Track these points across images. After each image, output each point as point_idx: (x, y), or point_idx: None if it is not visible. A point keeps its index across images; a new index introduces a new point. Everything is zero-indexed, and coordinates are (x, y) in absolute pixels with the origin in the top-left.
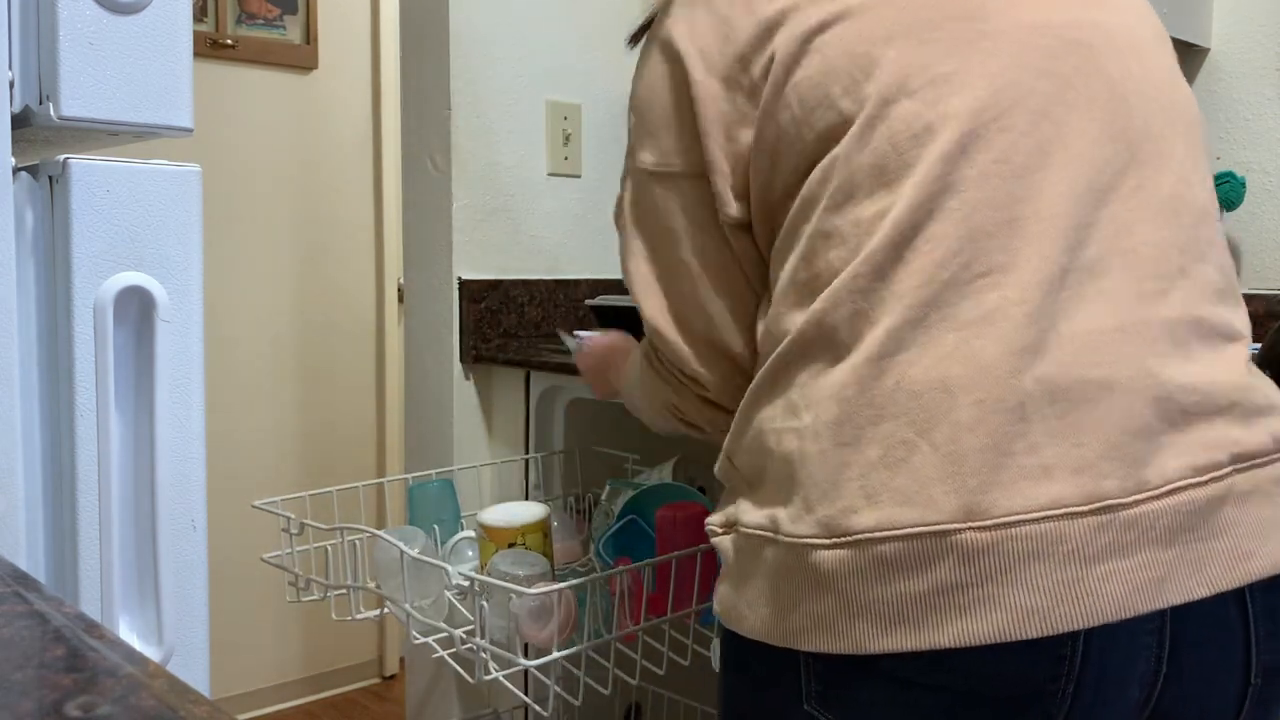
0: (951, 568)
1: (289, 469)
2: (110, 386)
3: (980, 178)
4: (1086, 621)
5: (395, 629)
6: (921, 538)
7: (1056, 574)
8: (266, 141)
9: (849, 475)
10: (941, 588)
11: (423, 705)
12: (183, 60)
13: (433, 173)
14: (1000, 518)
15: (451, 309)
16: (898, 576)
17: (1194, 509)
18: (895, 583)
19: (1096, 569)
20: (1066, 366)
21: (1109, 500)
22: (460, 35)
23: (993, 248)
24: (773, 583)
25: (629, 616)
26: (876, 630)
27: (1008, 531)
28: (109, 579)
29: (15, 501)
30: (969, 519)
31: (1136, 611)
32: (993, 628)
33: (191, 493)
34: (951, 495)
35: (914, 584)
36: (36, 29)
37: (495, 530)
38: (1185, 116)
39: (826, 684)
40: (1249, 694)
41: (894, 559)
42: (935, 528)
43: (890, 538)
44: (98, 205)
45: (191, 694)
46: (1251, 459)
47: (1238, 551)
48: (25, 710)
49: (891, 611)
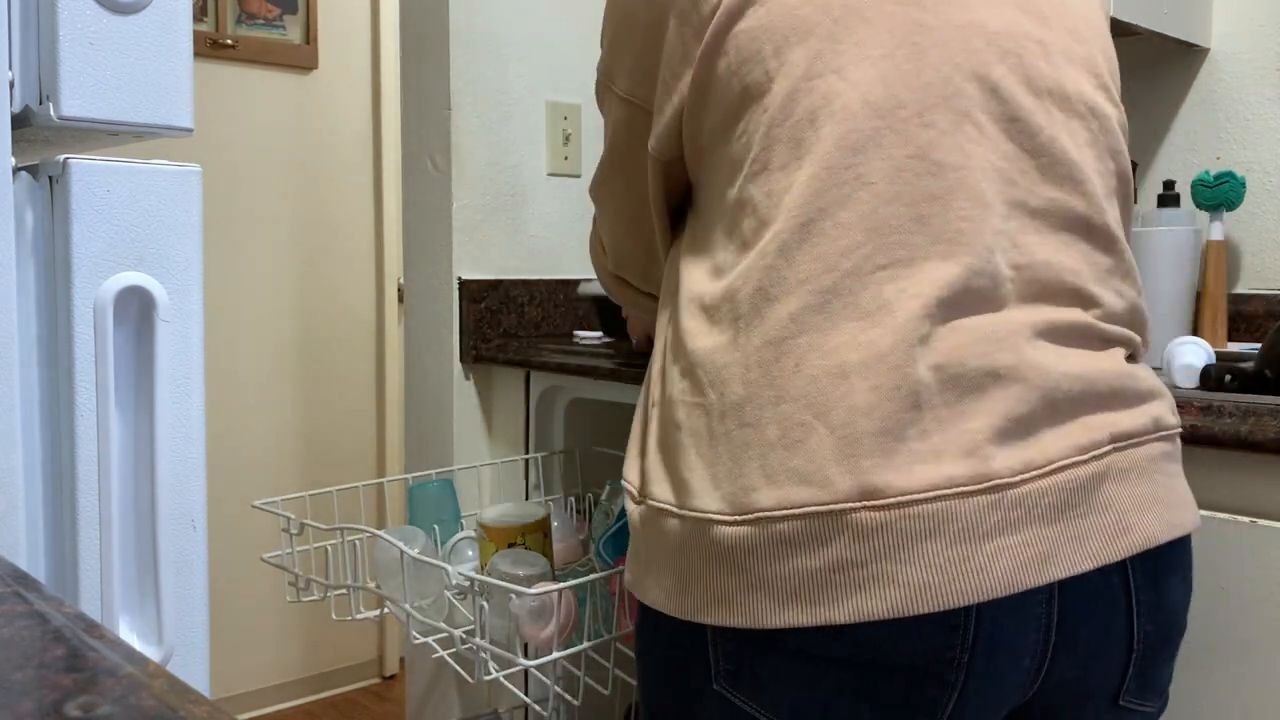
0: (847, 545)
1: (289, 469)
2: (110, 386)
3: (894, 171)
4: (977, 596)
5: (395, 629)
6: (818, 516)
7: (948, 551)
8: (266, 141)
9: (750, 455)
10: (838, 565)
11: (423, 705)
12: (183, 60)
13: (433, 173)
14: (894, 497)
15: (451, 309)
16: (796, 553)
17: (1076, 486)
18: (793, 559)
19: (986, 546)
20: (958, 356)
21: (997, 480)
22: (460, 35)
23: (895, 243)
24: (676, 556)
25: (629, 616)
26: (775, 605)
27: (902, 511)
28: (109, 579)
29: (15, 501)
30: (864, 499)
31: (1025, 586)
32: (887, 604)
33: (191, 493)
34: (847, 476)
35: (811, 561)
36: (36, 29)
37: (495, 530)
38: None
39: (735, 662)
40: (1133, 660)
41: (792, 537)
42: (831, 507)
43: (788, 516)
44: (98, 205)
45: (191, 694)
46: (1129, 439)
47: (1118, 526)
48: (25, 710)
49: (789, 588)
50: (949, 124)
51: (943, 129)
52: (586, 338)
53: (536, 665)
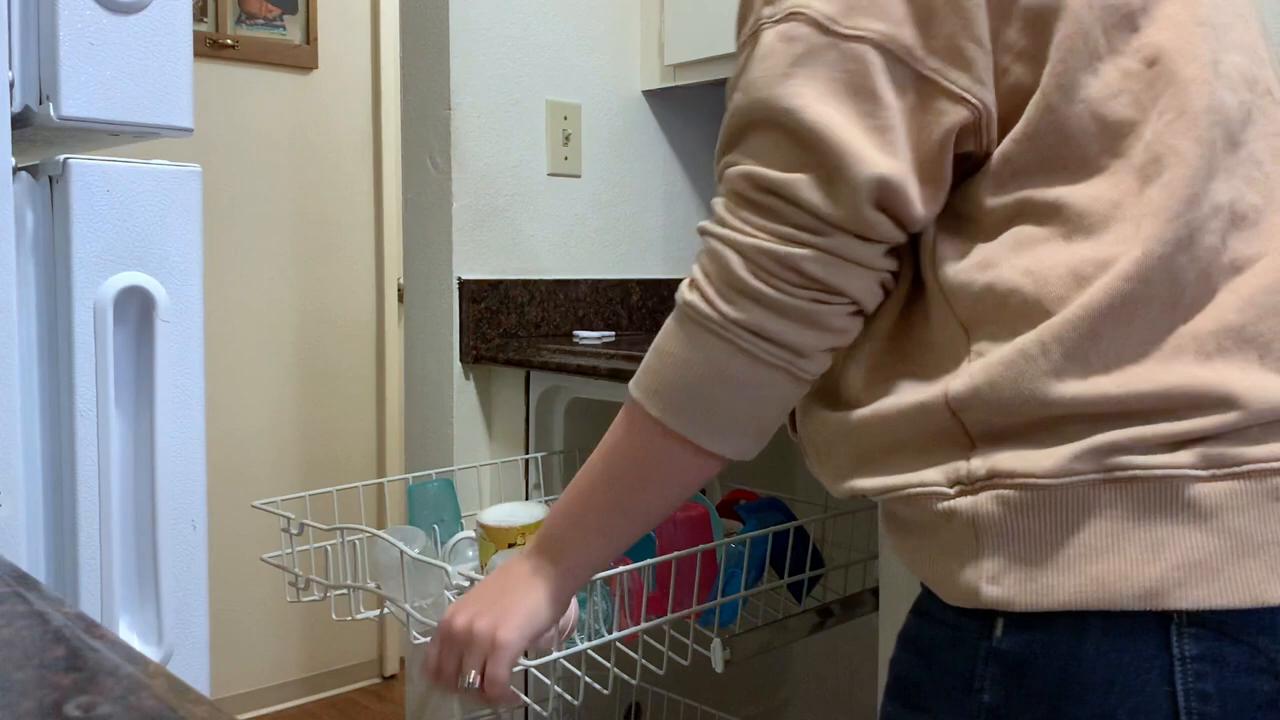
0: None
1: (289, 469)
2: (110, 386)
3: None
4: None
5: (395, 629)
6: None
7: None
8: (266, 141)
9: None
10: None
11: (423, 705)
12: (183, 60)
13: (433, 173)
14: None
15: (451, 309)
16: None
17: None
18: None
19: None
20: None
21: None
22: (460, 35)
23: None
24: (1112, 530)
25: (629, 616)
26: (1276, 576)
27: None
28: (109, 579)
29: (15, 502)
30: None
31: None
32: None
33: (191, 493)
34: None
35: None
36: (36, 29)
37: (495, 530)
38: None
39: (1203, 656)
40: None
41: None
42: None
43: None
44: (98, 205)
45: (191, 694)
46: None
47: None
48: (25, 710)
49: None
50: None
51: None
52: (586, 338)
53: (536, 665)
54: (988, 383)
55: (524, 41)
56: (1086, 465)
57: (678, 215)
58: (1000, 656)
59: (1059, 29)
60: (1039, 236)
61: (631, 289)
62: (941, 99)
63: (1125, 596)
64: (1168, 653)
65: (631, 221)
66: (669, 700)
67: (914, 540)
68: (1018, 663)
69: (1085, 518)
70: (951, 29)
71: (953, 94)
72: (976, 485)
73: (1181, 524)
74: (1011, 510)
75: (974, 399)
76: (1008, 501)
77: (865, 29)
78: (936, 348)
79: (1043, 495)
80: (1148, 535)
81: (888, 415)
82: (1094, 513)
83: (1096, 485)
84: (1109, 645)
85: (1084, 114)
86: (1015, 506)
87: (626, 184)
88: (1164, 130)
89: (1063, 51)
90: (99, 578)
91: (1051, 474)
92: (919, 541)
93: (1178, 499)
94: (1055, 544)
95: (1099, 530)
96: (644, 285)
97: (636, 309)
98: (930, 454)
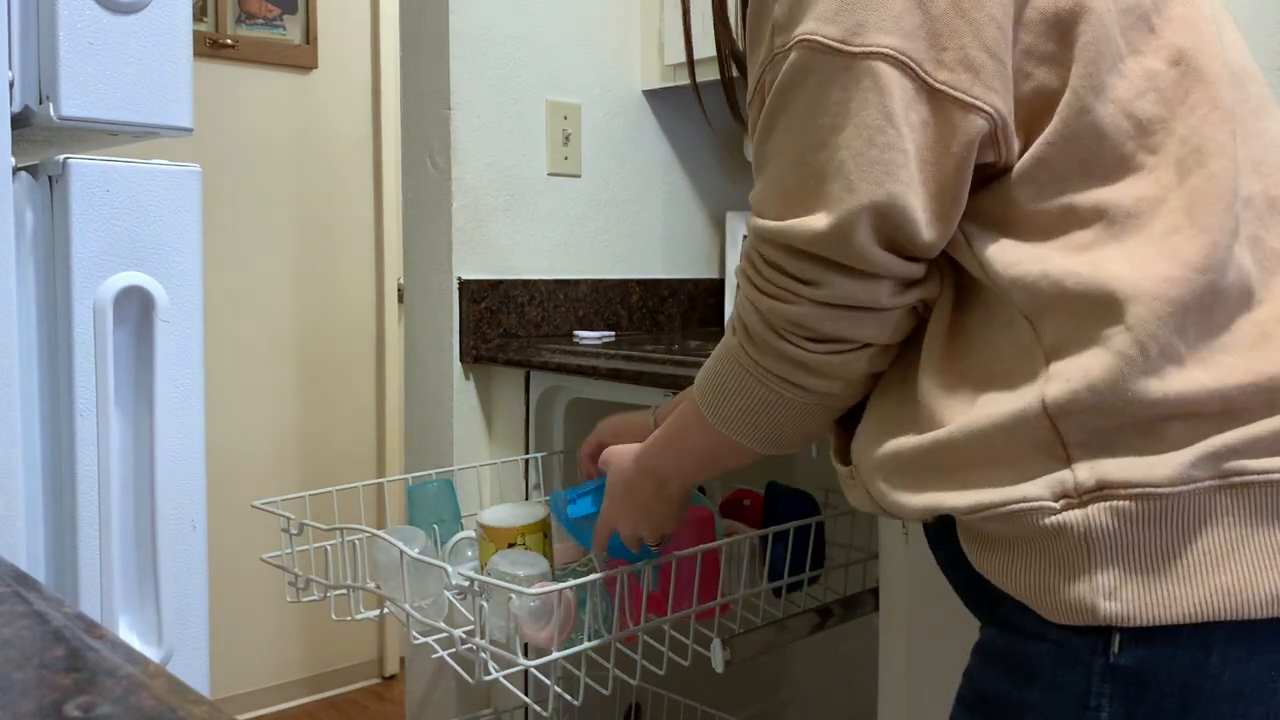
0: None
1: (289, 469)
2: (110, 386)
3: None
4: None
5: (395, 629)
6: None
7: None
8: (266, 141)
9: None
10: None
11: (423, 705)
12: (183, 60)
13: (432, 173)
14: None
15: (451, 309)
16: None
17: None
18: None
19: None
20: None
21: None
22: (460, 35)
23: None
24: (1233, 537)
25: (629, 616)
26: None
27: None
28: (109, 579)
29: (15, 502)
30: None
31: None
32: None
33: (191, 493)
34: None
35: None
36: (36, 29)
37: (495, 530)
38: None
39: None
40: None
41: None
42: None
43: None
44: (98, 205)
45: (191, 694)
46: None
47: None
48: (25, 710)
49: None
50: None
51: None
52: (586, 338)
53: (536, 665)
54: (1087, 386)
55: (524, 41)
56: (1204, 472)
57: (678, 215)
58: (1119, 673)
59: (1083, 32)
60: (1089, 240)
61: (631, 289)
62: (955, 111)
63: (1252, 604)
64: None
65: (631, 221)
66: (669, 700)
67: (1007, 556)
68: (1138, 678)
69: (1204, 526)
70: (963, 39)
71: (966, 104)
72: (1085, 498)
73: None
74: (1128, 521)
75: (1074, 404)
76: (1123, 513)
77: (875, 44)
78: (1005, 349)
79: (1161, 505)
80: (1270, 540)
81: (980, 430)
82: (1213, 520)
83: (1214, 492)
84: (1234, 655)
85: (1117, 113)
86: (1131, 518)
87: (626, 184)
88: (1199, 124)
89: (1091, 53)
90: (99, 578)
91: (1170, 482)
92: (1014, 557)
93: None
94: (1175, 554)
95: (1219, 538)
96: (644, 285)
97: (636, 309)
98: (1025, 466)
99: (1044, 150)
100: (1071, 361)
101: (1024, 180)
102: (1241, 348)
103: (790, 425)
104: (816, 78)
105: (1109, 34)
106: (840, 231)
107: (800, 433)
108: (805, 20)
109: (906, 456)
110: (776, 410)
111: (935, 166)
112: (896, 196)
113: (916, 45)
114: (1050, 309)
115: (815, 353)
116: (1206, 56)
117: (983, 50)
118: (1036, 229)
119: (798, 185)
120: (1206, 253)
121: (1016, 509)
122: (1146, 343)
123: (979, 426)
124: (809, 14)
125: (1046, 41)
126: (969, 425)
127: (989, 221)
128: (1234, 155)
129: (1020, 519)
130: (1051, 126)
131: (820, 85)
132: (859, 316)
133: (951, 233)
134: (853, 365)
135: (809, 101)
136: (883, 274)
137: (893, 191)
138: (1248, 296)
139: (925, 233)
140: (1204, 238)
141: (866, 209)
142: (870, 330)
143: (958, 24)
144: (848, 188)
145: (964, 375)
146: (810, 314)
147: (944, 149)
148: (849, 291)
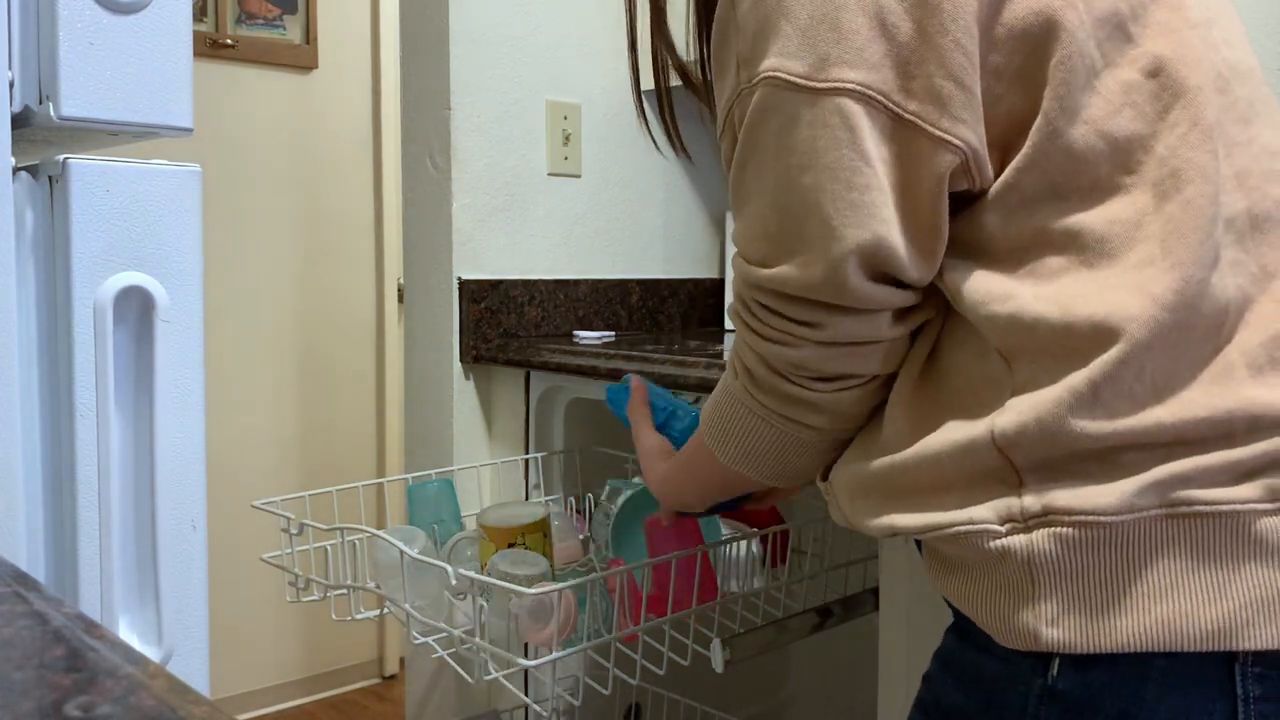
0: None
1: (289, 469)
2: (110, 386)
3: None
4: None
5: (395, 629)
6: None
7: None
8: (266, 141)
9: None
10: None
11: (423, 705)
12: (183, 60)
13: (433, 173)
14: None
15: (451, 309)
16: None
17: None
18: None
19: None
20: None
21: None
22: (460, 35)
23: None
24: (1177, 569)
25: (629, 616)
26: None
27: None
28: (109, 579)
29: (15, 502)
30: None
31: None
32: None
33: (191, 493)
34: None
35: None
36: (36, 29)
37: (495, 530)
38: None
39: (1268, 696)
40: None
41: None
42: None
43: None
44: (98, 205)
45: (191, 694)
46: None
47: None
48: (25, 710)
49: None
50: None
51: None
52: (586, 338)
53: (536, 665)
54: (1035, 419)
55: (524, 41)
56: (1150, 500)
57: (678, 215)
58: (1057, 696)
59: (1055, 50)
60: (1060, 267)
61: (631, 289)
62: (925, 143)
63: (1191, 638)
64: (1231, 694)
65: (631, 221)
66: (669, 700)
67: (961, 579)
68: (1076, 704)
69: (1148, 556)
70: (929, 69)
71: (935, 138)
72: (1030, 523)
73: (1247, 561)
74: (1069, 549)
75: (1021, 436)
76: (1065, 540)
77: (840, 79)
78: (977, 379)
79: (1103, 533)
80: (1213, 574)
81: (932, 454)
82: (1157, 550)
83: (1159, 521)
84: (1171, 686)
85: (1090, 134)
86: (1073, 545)
87: (626, 184)
88: (1178, 144)
89: (1062, 72)
90: (99, 578)
91: (1114, 510)
92: (967, 581)
93: (1243, 535)
94: (1116, 583)
95: (1163, 569)
96: (644, 285)
97: (636, 309)
98: (975, 491)
99: (1014, 175)
100: (1027, 397)
101: (995, 205)
102: (1203, 382)
103: (803, 460)
104: (782, 117)
105: (1083, 49)
106: (833, 277)
107: (814, 466)
108: (768, 56)
109: (868, 477)
110: (787, 448)
111: (912, 201)
112: (882, 236)
113: (884, 76)
114: (1024, 350)
115: (823, 392)
116: (1188, 65)
117: (949, 79)
118: (1007, 255)
119: (779, 229)
120: (1178, 288)
121: (962, 530)
122: (1100, 383)
123: (932, 451)
124: (771, 49)
125: (1015, 59)
126: (923, 450)
127: (963, 250)
128: (1214, 177)
129: (965, 541)
130: (1023, 151)
131: (787, 125)
132: (863, 351)
133: (938, 263)
134: (861, 399)
135: (778, 142)
136: (881, 308)
137: (878, 232)
138: (1218, 328)
139: (911, 270)
140: (1177, 272)
141: (853, 252)
142: (875, 364)
143: (924, 51)
144: (831, 233)
145: (934, 401)
146: (814, 355)
147: (916, 182)
148: (850, 329)
